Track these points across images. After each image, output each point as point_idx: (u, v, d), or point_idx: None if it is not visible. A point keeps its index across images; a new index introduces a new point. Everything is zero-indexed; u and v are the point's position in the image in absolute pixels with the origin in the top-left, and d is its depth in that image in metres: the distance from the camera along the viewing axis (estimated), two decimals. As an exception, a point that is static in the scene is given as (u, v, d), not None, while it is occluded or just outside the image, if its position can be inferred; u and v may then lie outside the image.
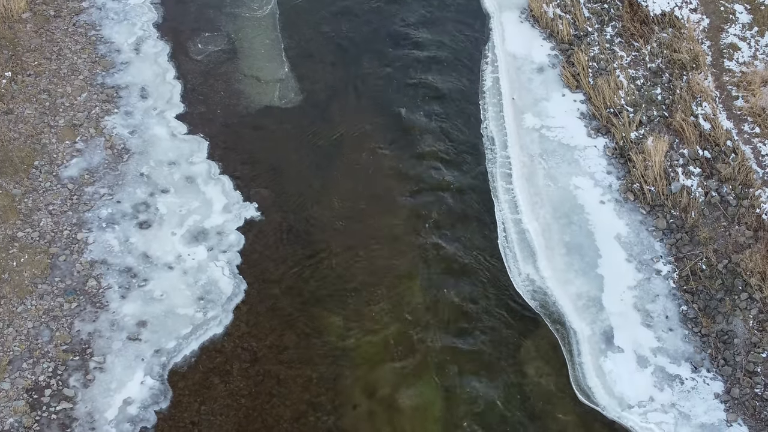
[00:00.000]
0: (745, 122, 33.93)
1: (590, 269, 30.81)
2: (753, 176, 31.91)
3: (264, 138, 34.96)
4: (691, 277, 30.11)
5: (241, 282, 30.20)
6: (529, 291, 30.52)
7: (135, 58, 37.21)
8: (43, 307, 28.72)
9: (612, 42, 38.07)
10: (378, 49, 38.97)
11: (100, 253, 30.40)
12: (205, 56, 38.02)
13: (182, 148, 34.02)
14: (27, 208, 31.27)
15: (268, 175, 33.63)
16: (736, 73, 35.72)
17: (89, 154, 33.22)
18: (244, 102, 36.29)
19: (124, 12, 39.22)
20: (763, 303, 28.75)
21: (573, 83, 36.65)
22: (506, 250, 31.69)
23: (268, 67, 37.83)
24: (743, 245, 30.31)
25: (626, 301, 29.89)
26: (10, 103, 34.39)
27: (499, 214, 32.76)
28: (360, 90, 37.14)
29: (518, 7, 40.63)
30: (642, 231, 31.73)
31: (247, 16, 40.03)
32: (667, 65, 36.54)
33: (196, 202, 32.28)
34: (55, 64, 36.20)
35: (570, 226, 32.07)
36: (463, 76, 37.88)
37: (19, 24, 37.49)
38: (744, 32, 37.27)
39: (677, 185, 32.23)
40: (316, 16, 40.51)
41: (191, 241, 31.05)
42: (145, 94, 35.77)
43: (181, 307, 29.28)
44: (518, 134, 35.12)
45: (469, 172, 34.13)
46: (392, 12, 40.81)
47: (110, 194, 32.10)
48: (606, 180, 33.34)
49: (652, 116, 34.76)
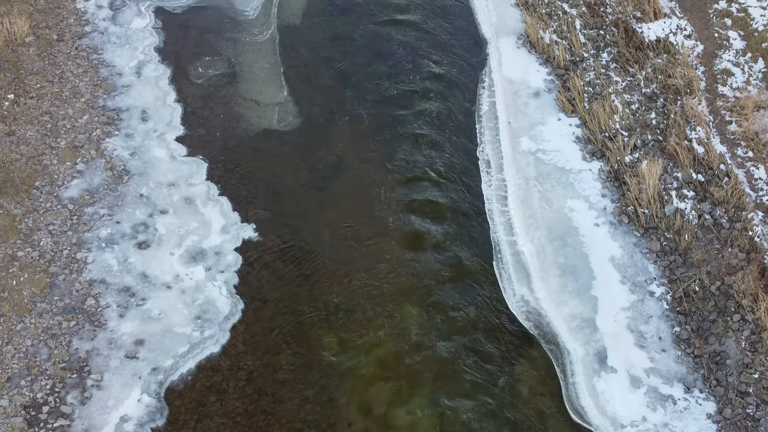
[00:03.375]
0: (739, 146, 34.26)
1: (584, 290, 31.05)
2: (746, 199, 32.20)
3: (263, 160, 35.31)
4: (685, 299, 30.34)
5: (238, 301, 30.48)
6: (523, 312, 30.76)
7: (136, 81, 37.64)
8: (41, 326, 28.98)
9: (607, 67, 38.50)
10: (376, 73, 39.40)
11: (99, 272, 30.69)
12: (205, 80, 38.45)
13: (182, 169, 34.38)
14: (27, 227, 31.60)
15: (266, 196, 33.97)
16: (730, 98, 36.09)
17: (90, 175, 33.57)
18: (244, 125, 36.68)
19: (126, 36, 39.70)
20: (755, 324, 28.96)
21: (568, 107, 37.05)
22: (501, 272, 31.96)
23: (267, 91, 38.25)
24: (736, 267, 30.55)
25: (620, 322, 30.12)
26: (13, 124, 34.79)
27: (495, 236, 33.05)
28: (358, 114, 37.53)
29: (515, 33, 41.12)
30: (636, 253, 32.00)
31: (248, 40, 40.52)
32: (662, 90, 36.94)
33: (195, 222, 32.60)
34: (57, 87, 36.64)
35: (564, 248, 32.35)
36: (460, 100, 38.29)
37: (23, 47, 37.96)
38: (738, 58, 37.66)
39: (671, 208, 32.54)
40: (315, 41, 40.99)
41: (189, 261, 31.34)
42: (146, 117, 36.16)
43: (178, 326, 29.54)
44: (514, 157, 35.47)
45: (465, 195, 34.46)
46: (391, 37, 41.29)
47: (110, 215, 32.43)
48: (600, 203, 33.65)
49: (647, 140, 35.12)
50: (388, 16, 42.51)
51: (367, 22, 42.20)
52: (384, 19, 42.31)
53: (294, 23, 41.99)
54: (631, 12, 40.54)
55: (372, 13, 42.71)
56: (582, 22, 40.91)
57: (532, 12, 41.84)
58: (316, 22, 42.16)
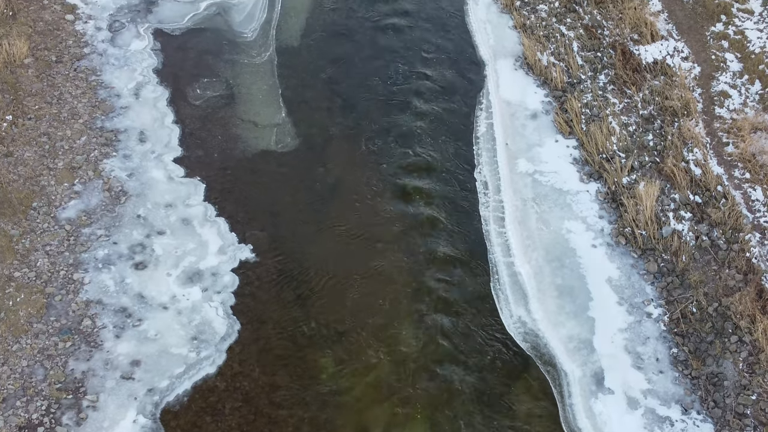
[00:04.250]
0: (736, 168, 34.30)
1: (582, 312, 31.02)
2: (743, 221, 32.22)
3: (260, 181, 35.34)
4: (682, 320, 30.30)
5: (234, 322, 30.42)
6: (520, 333, 30.71)
7: (134, 102, 37.73)
8: (37, 346, 28.93)
9: (605, 89, 38.60)
10: (374, 95, 39.49)
11: (95, 293, 30.66)
12: (203, 101, 38.54)
13: (179, 190, 34.41)
14: (24, 248, 31.59)
15: (263, 217, 33.98)
16: (727, 120, 36.17)
17: (87, 196, 33.60)
18: (241, 146, 36.73)
19: (125, 58, 39.82)
20: (752, 346, 28.90)
21: (566, 129, 37.11)
22: (498, 293, 31.93)
23: (265, 112, 38.34)
24: (733, 289, 30.53)
25: (617, 344, 30.07)
26: (11, 146, 34.84)
27: (492, 257, 33.03)
28: (355, 135, 37.59)
29: (513, 55, 41.26)
30: (633, 274, 31.98)
31: (246, 62, 40.64)
32: (659, 112, 37.02)
33: (192, 243, 32.61)
34: (55, 108, 36.72)
35: (562, 269, 32.33)
36: (457, 122, 38.35)
37: (21, 69, 38.06)
38: (735, 80, 37.78)
39: (668, 229, 32.55)
40: (313, 63, 41.11)
41: (186, 281, 31.32)
42: (144, 138, 36.22)
43: (174, 346, 29.48)
44: (511, 179, 35.51)
45: (462, 216, 34.46)
46: (389, 60, 41.41)
47: (107, 235, 32.43)
48: (598, 224, 33.66)
49: (644, 162, 35.17)
50: (386, 38, 42.64)
51: (365, 44, 42.34)
52: (382, 41, 42.44)
53: (292, 45, 42.12)
54: (629, 34, 40.68)
55: (370, 35, 42.86)
56: (579, 44, 41.03)
57: (529, 34, 41.99)
58: (314, 44, 42.30)
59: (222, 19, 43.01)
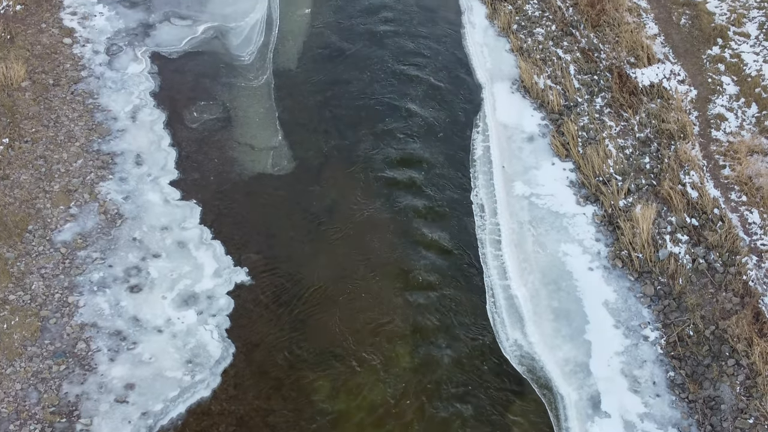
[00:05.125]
0: (732, 191, 34.26)
1: (578, 335, 30.90)
2: (739, 244, 32.15)
3: (256, 204, 35.31)
4: (679, 343, 30.19)
5: (229, 345, 30.30)
6: (516, 356, 30.58)
7: (131, 125, 37.76)
8: (32, 369, 28.81)
9: (601, 112, 38.62)
10: (371, 118, 39.53)
11: (90, 316, 30.56)
12: (200, 124, 38.58)
13: (175, 213, 34.38)
14: (19, 271, 31.52)
15: (259, 240, 33.92)
16: (723, 143, 36.17)
17: (83, 219, 33.56)
18: (238, 169, 36.73)
19: (122, 81, 39.90)
20: (749, 369, 28.77)
21: (563, 152, 37.11)
22: (495, 316, 31.82)
23: (262, 135, 38.37)
24: (730, 311, 30.43)
25: (613, 367, 29.93)
26: (7, 168, 34.84)
27: (488, 280, 32.94)
28: (352, 158, 37.59)
29: (509, 78, 41.34)
30: (630, 297, 31.88)
31: (243, 85, 40.72)
32: (656, 135, 37.04)
33: (188, 266, 32.53)
34: (52, 131, 36.74)
35: (558, 292, 32.24)
36: (454, 145, 38.36)
37: (18, 92, 38.13)
38: (731, 103, 37.81)
39: (665, 252, 32.48)
40: (310, 86, 41.18)
41: (181, 304, 31.22)
42: (140, 161, 36.22)
43: (169, 369, 29.34)
44: (508, 202, 35.48)
45: (458, 239, 34.39)
46: (386, 82, 41.48)
47: (102, 258, 32.37)
48: (594, 247, 33.59)
49: (641, 184, 35.14)
50: (383, 61, 42.74)
51: (362, 67, 42.43)
52: (379, 64, 42.54)
53: (289, 68, 42.23)
54: (625, 57, 40.75)
55: (367, 58, 42.97)
56: (576, 67, 41.12)
57: (526, 57, 42.08)
58: (311, 67, 42.39)
59: (219, 42, 43.15)
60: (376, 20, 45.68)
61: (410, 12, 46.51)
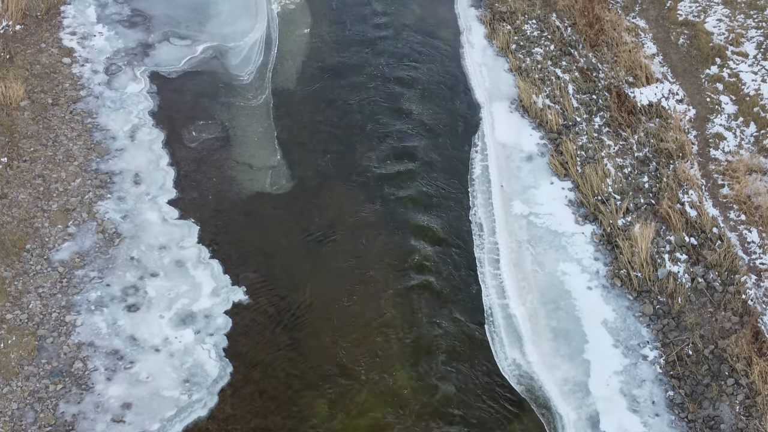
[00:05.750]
0: (731, 210, 34.24)
1: (577, 354, 30.80)
2: (738, 263, 32.10)
3: (255, 223, 35.29)
4: (678, 363, 30.08)
5: (227, 365, 30.18)
6: (515, 375, 30.47)
7: (130, 144, 37.79)
8: (28, 389, 28.69)
9: (600, 131, 38.65)
10: (370, 137, 39.57)
11: (87, 335, 30.47)
12: (198, 143, 38.61)
13: (173, 232, 34.34)
14: (17, 290, 31.46)
15: (257, 259, 33.86)
16: (722, 162, 36.18)
17: (81, 238, 33.53)
18: (236, 188, 36.73)
19: (121, 100, 39.97)
20: (749, 388, 28.66)
21: (561, 171, 37.12)
22: (493, 335, 31.72)
23: (260, 155, 38.38)
24: (729, 331, 30.35)
25: (612, 386, 29.81)
26: (5, 188, 34.83)
27: (487, 299, 32.86)
28: (351, 178, 37.59)
29: (508, 98, 41.40)
30: (629, 316, 31.80)
31: (242, 104, 40.77)
32: (654, 154, 37.04)
33: (185, 285, 32.46)
34: (50, 151, 36.77)
35: (557, 311, 32.16)
36: (453, 164, 38.37)
37: (17, 111, 38.18)
38: (730, 122, 37.84)
39: (664, 271, 32.42)
40: (310, 106, 41.24)
41: (179, 324, 31.14)
42: (139, 180, 36.22)
43: (166, 389, 29.22)
44: (506, 221, 35.45)
45: (457, 258, 34.34)
46: (385, 102, 41.53)
47: (100, 277, 32.31)
48: (593, 266, 33.54)
49: (639, 204, 35.12)
50: (382, 80, 42.83)
51: (361, 86, 42.52)
52: (378, 83, 42.63)
53: (288, 87, 42.31)
54: (624, 77, 40.82)
55: (366, 78, 43.06)
56: (575, 87, 41.18)
57: (525, 77, 42.16)
58: (310, 86, 42.48)
59: (218, 62, 43.26)
60: (375, 40, 45.80)
61: (409, 32, 46.64)
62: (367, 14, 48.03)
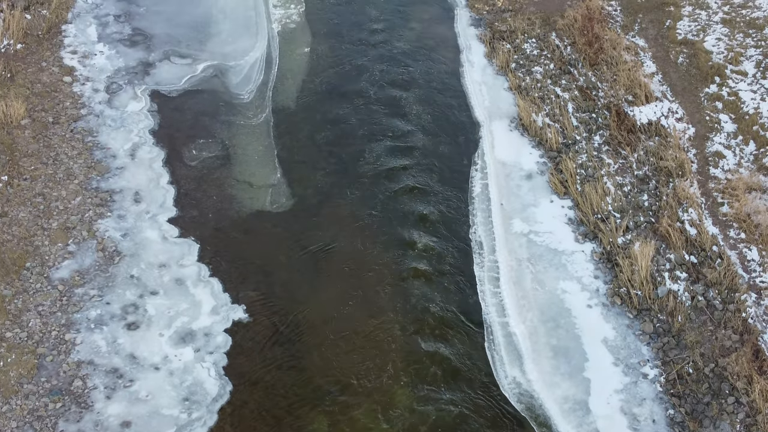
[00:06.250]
0: (731, 228, 34.23)
1: (577, 372, 30.75)
2: (738, 281, 32.07)
3: (254, 241, 35.30)
4: (678, 381, 30.03)
5: (226, 383, 30.13)
6: (515, 394, 30.41)
7: (130, 163, 37.85)
8: (27, 407, 28.64)
9: (599, 150, 38.70)
10: (370, 155, 39.61)
11: (87, 353, 30.45)
12: (199, 162, 38.66)
13: (173, 250, 34.35)
14: (16, 308, 31.45)
15: (257, 277, 33.86)
16: (722, 180, 36.20)
17: (81, 256, 33.54)
18: (236, 206, 36.76)
19: (122, 119, 40.07)
20: (749, 407, 28.59)
21: (561, 190, 37.15)
22: (493, 353, 31.68)
23: (260, 173, 38.44)
24: (729, 349, 30.30)
25: (613, 405, 29.75)
26: (5, 206, 34.88)
27: (487, 317, 32.83)
28: (351, 196, 37.62)
29: (508, 117, 41.48)
30: (629, 335, 31.76)
31: (242, 123, 40.85)
32: (654, 172, 37.08)
33: (185, 303, 32.45)
34: (51, 169, 36.83)
35: (557, 329, 32.13)
36: (452, 182, 38.40)
37: (18, 130, 38.27)
38: (729, 141, 37.89)
39: (664, 289, 32.41)
40: (310, 124, 41.31)
41: (178, 342, 31.11)
42: (139, 199, 36.27)
43: (166, 407, 29.17)
44: (506, 239, 35.46)
45: (457, 276, 34.32)
46: (385, 121, 41.60)
47: (100, 295, 32.31)
48: (593, 284, 33.53)
49: (639, 222, 35.14)
50: (381, 99, 42.91)
51: (360, 105, 42.60)
52: (378, 103, 42.71)
53: (288, 106, 42.40)
54: (623, 96, 40.89)
55: (366, 97, 43.14)
56: (574, 105, 41.26)
57: (524, 95, 42.25)
58: (310, 105, 42.55)
59: (219, 81, 43.38)
60: (375, 59, 45.90)
61: (410, 50, 46.76)
62: (368, 33, 48.16)
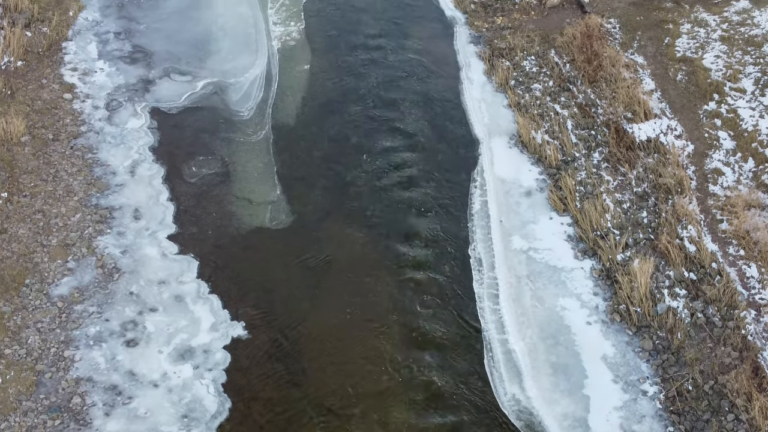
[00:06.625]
0: (730, 245, 34.25)
1: (576, 389, 30.71)
2: (738, 298, 32.07)
3: (254, 258, 35.31)
4: (678, 398, 29.99)
5: (225, 400, 30.08)
6: (514, 411, 30.36)
7: (130, 180, 37.90)
8: (26, 424, 28.60)
9: (599, 167, 38.76)
10: (369, 172, 39.65)
11: (86, 370, 30.43)
12: (198, 179, 38.70)
13: (172, 267, 34.36)
14: (15, 325, 31.45)
15: (256, 294, 33.86)
16: (721, 197, 36.23)
17: (80, 273, 33.55)
18: (236, 223, 36.79)
19: (122, 136, 40.14)
20: (749, 424, 28.55)
21: (560, 206, 37.19)
22: (492, 370, 31.64)
23: (260, 190, 38.47)
24: (729, 366, 30.28)
25: (612, 422, 29.69)
26: (5, 222, 34.92)
27: (486, 334, 32.80)
28: (351, 213, 37.65)
29: (507, 134, 41.55)
30: (628, 352, 31.73)
31: (242, 140, 40.92)
32: (653, 189, 37.12)
33: (184, 320, 32.44)
34: (51, 186, 36.88)
35: (556, 346, 32.10)
36: (452, 199, 38.43)
37: (18, 147, 38.35)
38: (728, 158, 37.94)
39: (663, 306, 32.40)
40: (309, 141, 41.36)
41: (178, 359, 31.08)
42: (138, 215, 36.31)
43: (164, 425, 29.12)
44: (506, 256, 35.47)
45: (456, 293, 34.31)
46: (384, 138, 41.65)
47: (99, 312, 32.30)
48: (592, 301, 33.52)
49: (638, 239, 35.16)
50: (381, 116, 42.96)
51: (360, 122, 42.66)
52: (377, 120, 42.75)
53: (288, 123, 42.47)
54: (622, 113, 40.96)
55: (365, 114, 43.20)
56: (573, 122, 41.34)
57: (524, 113, 42.33)
58: (310, 122, 42.62)
59: (219, 98, 43.46)
60: (375, 76, 45.97)
61: (409, 68, 46.84)
62: (367, 50, 48.22)
